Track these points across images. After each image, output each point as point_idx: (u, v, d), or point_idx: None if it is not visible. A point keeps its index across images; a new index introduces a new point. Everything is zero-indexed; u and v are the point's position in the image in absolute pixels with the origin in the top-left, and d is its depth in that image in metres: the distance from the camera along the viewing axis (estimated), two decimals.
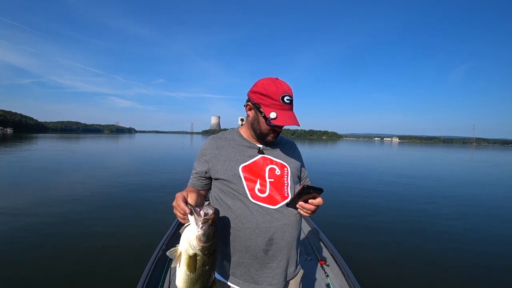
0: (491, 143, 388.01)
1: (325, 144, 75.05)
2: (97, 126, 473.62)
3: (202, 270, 0.88)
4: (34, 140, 44.14)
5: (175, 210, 0.90)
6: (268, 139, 1.14)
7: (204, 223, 0.84)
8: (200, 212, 0.85)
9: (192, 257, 0.85)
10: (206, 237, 0.84)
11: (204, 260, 0.87)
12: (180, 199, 0.88)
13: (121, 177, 10.42)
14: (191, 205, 0.86)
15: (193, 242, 0.84)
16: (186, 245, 0.85)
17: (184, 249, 0.86)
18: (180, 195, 0.90)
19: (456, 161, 28.00)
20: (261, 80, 1.10)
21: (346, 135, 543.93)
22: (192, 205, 0.87)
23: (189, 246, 0.85)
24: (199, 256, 0.86)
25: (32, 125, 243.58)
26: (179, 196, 0.90)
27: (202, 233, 0.83)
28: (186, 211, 0.85)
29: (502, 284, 3.51)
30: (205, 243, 0.84)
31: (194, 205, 0.87)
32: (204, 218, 0.84)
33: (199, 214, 0.84)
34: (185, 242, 0.86)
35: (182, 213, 0.87)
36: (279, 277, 1.09)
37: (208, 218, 0.84)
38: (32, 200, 6.79)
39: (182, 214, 0.87)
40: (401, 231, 5.33)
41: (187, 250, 0.85)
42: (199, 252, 0.85)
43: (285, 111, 1.06)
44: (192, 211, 0.84)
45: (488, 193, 9.87)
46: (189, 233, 0.85)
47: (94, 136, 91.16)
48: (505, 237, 5.16)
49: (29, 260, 3.68)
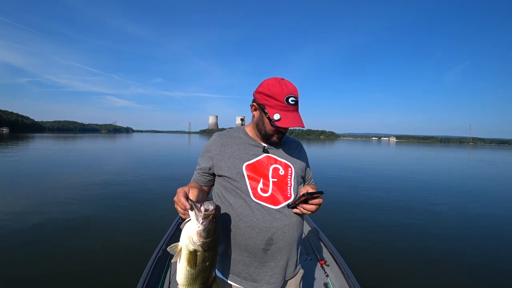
0: (487, 142, 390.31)
1: (322, 143, 75.19)
2: (94, 126, 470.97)
3: (202, 266, 0.87)
4: (31, 139, 43.86)
5: (176, 205, 0.89)
6: (273, 139, 1.14)
7: (205, 219, 0.83)
8: (201, 207, 0.84)
9: (192, 253, 0.84)
10: (206, 233, 0.83)
11: (204, 255, 0.86)
12: (181, 194, 0.87)
13: (121, 177, 10.40)
14: (192, 201, 0.85)
15: (193, 238, 0.83)
16: (186, 240, 0.84)
17: (185, 244, 0.85)
18: (182, 190, 0.89)
19: (454, 160, 28.15)
20: (267, 81, 1.09)
21: (344, 134, 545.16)
22: (192, 200, 0.86)
23: (190, 242, 0.84)
24: (199, 252, 0.85)
25: (29, 124, 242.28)
26: (180, 191, 0.89)
27: (203, 228, 0.83)
28: (187, 207, 0.84)
29: (502, 284, 3.52)
30: (205, 238, 0.84)
31: (195, 201, 0.87)
32: (205, 214, 0.83)
33: (200, 210, 0.83)
34: (185, 237, 0.85)
35: (182, 208, 0.86)
36: (277, 276, 1.09)
37: (209, 214, 0.84)
38: (32, 200, 6.76)
39: (182, 209, 0.86)
40: (401, 231, 5.34)
41: (187, 246, 0.84)
42: (199, 247, 0.84)
43: (289, 112, 1.05)
44: (193, 206, 0.83)
45: (487, 192, 9.92)
46: (189, 229, 0.84)
47: (91, 136, 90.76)
48: (505, 238, 5.17)
49: (29, 260, 3.68)
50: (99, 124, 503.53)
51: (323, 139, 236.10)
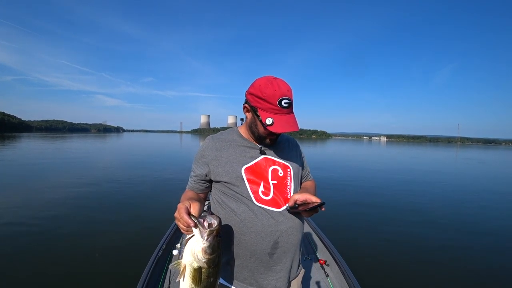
0: (474, 142, 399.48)
1: (314, 143, 75.55)
2: (84, 125, 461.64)
3: (207, 282, 0.85)
4: (18, 139, 42.79)
5: (177, 222, 0.86)
6: (266, 141, 1.10)
7: (209, 235, 0.81)
8: (204, 223, 0.81)
9: (197, 270, 0.82)
10: (211, 249, 0.81)
11: (209, 272, 0.84)
12: (183, 211, 0.84)
13: (121, 177, 10.33)
14: (195, 217, 0.83)
15: (198, 255, 0.81)
16: (190, 258, 0.82)
17: (189, 262, 0.82)
18: (183, 206, 0.85)
19: (447, 159, 28.62)
20: (258, 80, 1.03)
21: (335, 134, 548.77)
22: (195, 216, 0.83)
23: (194, 259, 0.82)
24: (204, 269, 0.83)
25: (16, 124, 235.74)
26: (181, 207, 0.85)
27: (208, 245, 0.80)
28: (190, 224, 0.81)
29: (502, 283, 3.55)
30: (210, 255, 0.82)
31: (198, 216, 0.84)
32: (209, 230, 0.81)
33: (204, 226, 0.81)
34: (189, 255, 0.82)
35: (186, 226, 0.83)
36: (283, 280, 1.08)
37: (213, 230, 0.82)
38: (31, 200, 6.70)
39: (186, 226, 0.83)
40: (401, 231, 5.36)
41: (191, 264, 0.82)
42: (204, 264, 0.82)
43: (283, 115, 0.99)
44: (197, 223, 0.81)
45: (486, 192, 9.99)
46: (193, 246, 0.81)
47: (81, 135, 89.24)
48: (505, 237, 5.23)
49: (29, 260, 3.68)
50: (89, 124, 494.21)
51: (314, 138, 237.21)
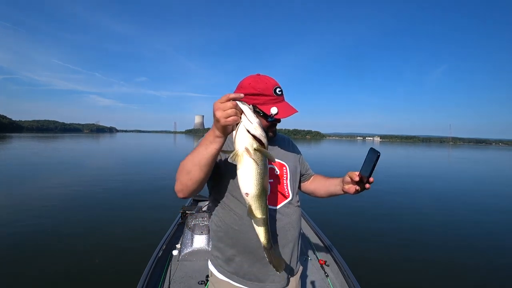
0: (466, 142, 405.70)
1: (309, 143, 75.91)
2: (76, 125, 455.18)
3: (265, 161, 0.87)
4: (8, 139, 42.09)
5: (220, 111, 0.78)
6: (270, 135, 1.12)
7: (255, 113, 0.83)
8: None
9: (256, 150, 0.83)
10: (260, 125, 0.83)
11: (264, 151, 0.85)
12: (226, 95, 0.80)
13: (120, 177, 10.32)
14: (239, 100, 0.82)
15: (257, 131, 0.81)
16: (248, 140, 0.82)
17: (249, 144, 0.82)
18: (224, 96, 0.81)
19: (441, 159, 29.05)
20: (245, 80, 1.06)
21: (330, 134, 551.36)
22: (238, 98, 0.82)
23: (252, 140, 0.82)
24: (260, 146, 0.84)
25: (6, 124, 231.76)
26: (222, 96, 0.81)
27: (258, 121, 0.82)
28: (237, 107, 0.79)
29: (502, 283, 3.58)
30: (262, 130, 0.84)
31: None
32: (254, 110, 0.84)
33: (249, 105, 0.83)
34: (245, 138, 0.82)
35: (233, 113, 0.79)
36: (281, 274, 1.11)
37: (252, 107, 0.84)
38: (31, 200, 6.71)
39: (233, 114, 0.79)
40: (400, 231, 5.40)
41: (251, 145, 0.82)
42: (264, 139, 0.83)
43: (281, 103, 1.05)
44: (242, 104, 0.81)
45: (483, 192, 10.17)
46: (248, 126, 0.81)
47: (73, 136, 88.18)
48: (505, 236, 5.30)
49: (29, 260, 3.69)
50: (81, 124, 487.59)
51: (309, 139, 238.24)
